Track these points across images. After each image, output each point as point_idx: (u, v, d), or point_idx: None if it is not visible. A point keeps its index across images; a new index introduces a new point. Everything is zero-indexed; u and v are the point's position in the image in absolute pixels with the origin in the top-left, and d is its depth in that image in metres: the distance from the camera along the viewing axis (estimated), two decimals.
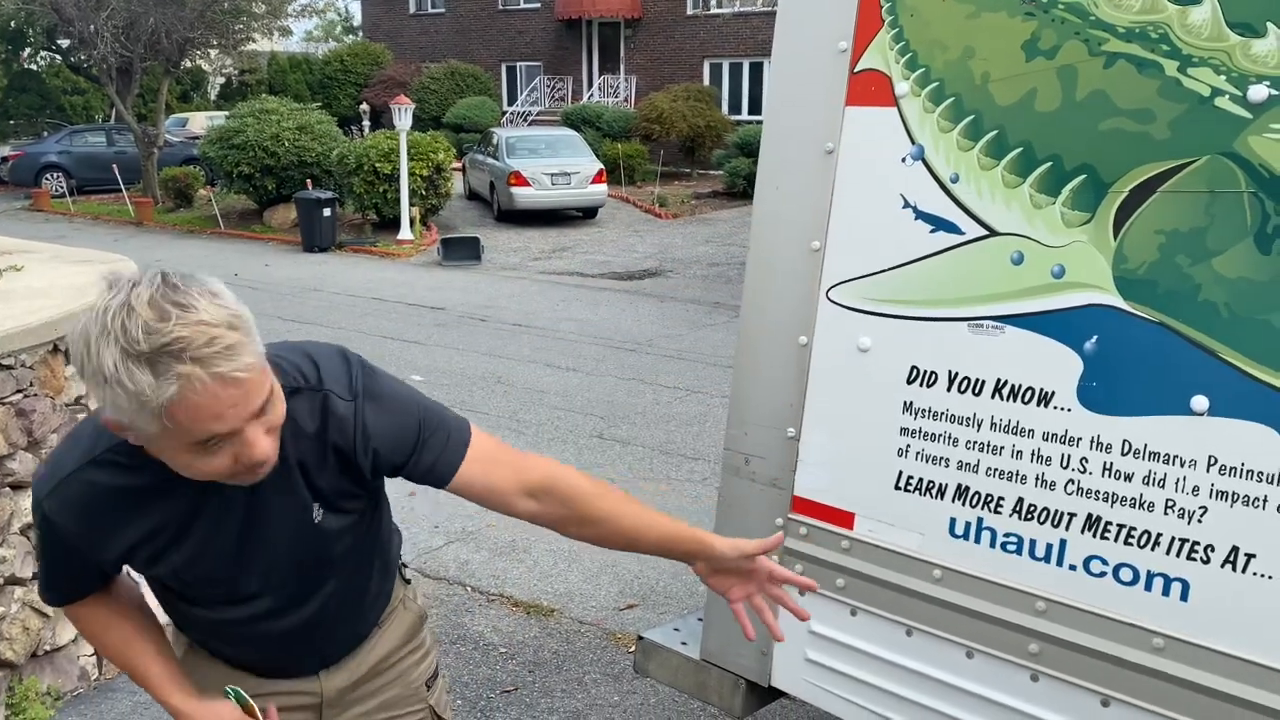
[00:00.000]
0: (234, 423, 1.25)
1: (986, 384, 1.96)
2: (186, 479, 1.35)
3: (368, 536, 1.64)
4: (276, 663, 1.66)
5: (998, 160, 1.93)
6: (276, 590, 1.55)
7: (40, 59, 27.08)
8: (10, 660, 3.04)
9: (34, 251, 4.45)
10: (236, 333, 1.23)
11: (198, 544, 1.45)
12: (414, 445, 1.51)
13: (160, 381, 1.17)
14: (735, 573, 1.65)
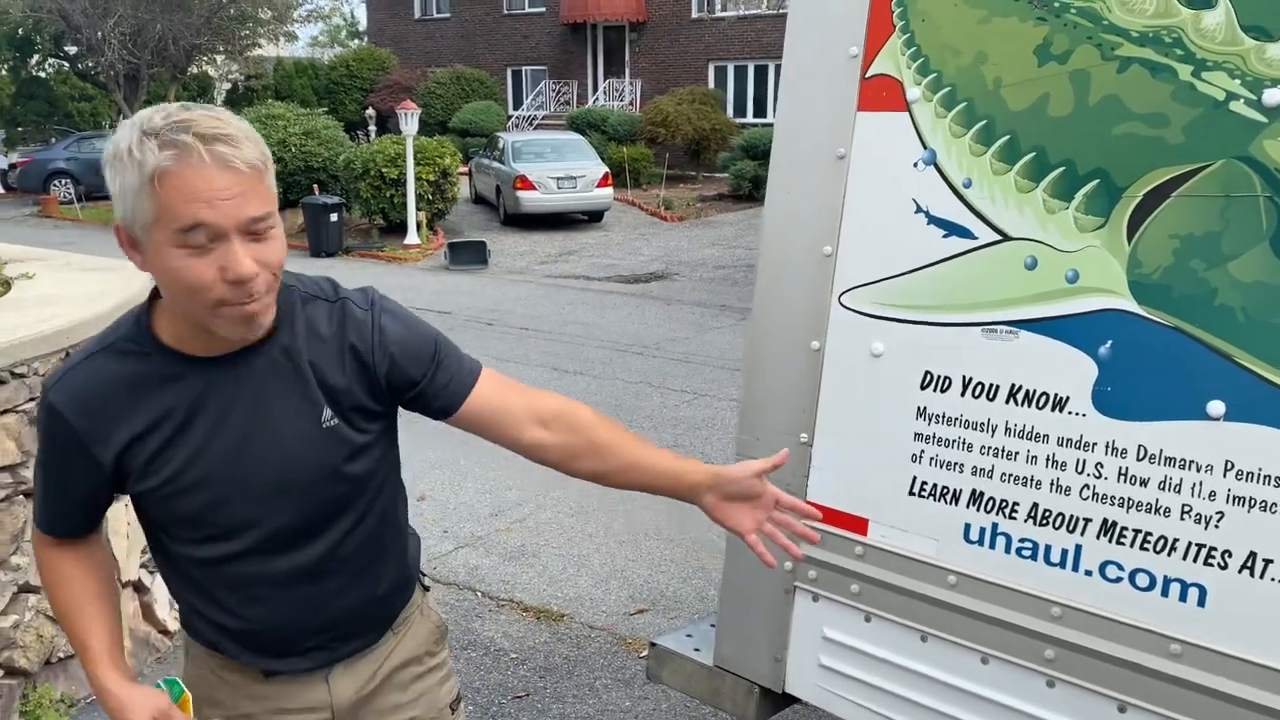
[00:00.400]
0: (222, 217, 1.25)
1: (1000, 389, 1.96)
2: (193, 371, 1.39)
3: (380, 479, 1.58)
4: (280, 633, 1.55)
5: (1010, 165, 1.92)
6: (280, 509, 1.47)
7: (48, 66, 27.20)
8: (24, 668, 3.05)
9: (45, 259, 4.47)
10: (247, 139, 1.28)
11: (199, 440, 1.41)
12: (430, 360, 1.53)
13: (163, 150, 1.24)
14: (745, 498, 1.62)
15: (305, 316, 1.47)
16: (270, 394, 1.44)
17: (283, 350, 1.45)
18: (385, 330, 1.51)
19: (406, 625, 1.73)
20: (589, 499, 5.53)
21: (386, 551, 1.64)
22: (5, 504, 2.94)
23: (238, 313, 1.32)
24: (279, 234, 1.35)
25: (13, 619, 3.00)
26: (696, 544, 5.00)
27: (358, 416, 1.51)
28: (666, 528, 5.19)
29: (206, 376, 1.41)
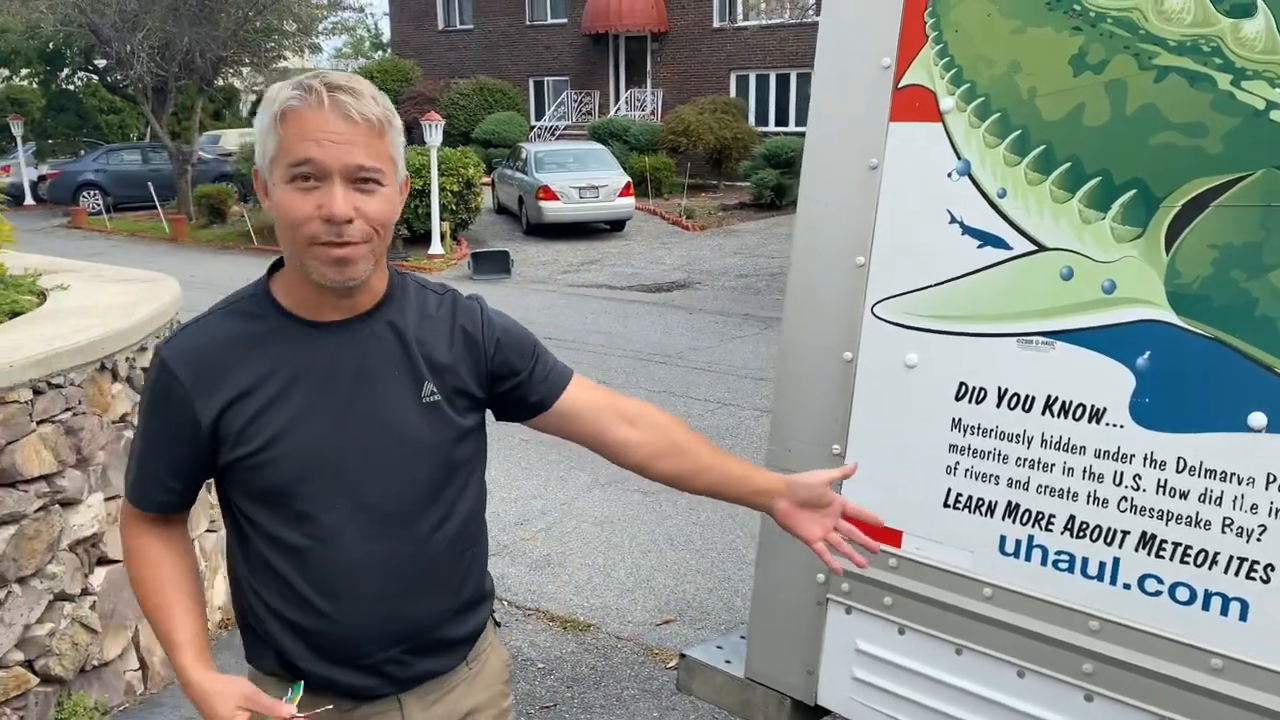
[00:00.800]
0: (328, 157, 1.34)
1: (1037, 400, 1.94)
2: (303, 334, 1.45)
3: (468, 472, 1.59)
4: (356, 637, 1.52)
5: (1046, 175, 1.91)
6: (370, 486, 1.48)
7: (78, 79, 27.55)
8: (59, 675, 3.08)
9: (78, 270, 4.52)
10: (373, 99, 1.38)
11: (299, 404, 1.44)
12: (531, 353, 1.64)
13: (292, 93, 1.35)
14: (814, 506, 1.69)
15: (416, 298, 1.55)
16: (374, 363, 1.48)
17: (389, 324, 1.51)
18: (493, 319, 1.61)
19: (480, 661, 1.70)
20: (613, 508, 5.53)
21: (466, 556, 1.63)
22: (42, 513, 2.97)
23: (327, 253, 1.38)
24: (388, 195, 1.41)
25: (48, 627, 3.03)
26: (722, 554, 4.99)
27: (457, 398, 1.55)
28: (692, 538, 5.19)
29: (314, 340, 1.46)
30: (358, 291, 1.47)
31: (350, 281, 1.42)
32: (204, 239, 18.92)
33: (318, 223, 1.36)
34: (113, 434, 3.33)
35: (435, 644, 1.60)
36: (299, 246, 1.39)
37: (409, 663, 1.57)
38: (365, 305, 1.49)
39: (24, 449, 2.91)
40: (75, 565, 3.13)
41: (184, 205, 20.71)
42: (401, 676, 1.57)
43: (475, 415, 1.60)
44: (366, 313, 1.49)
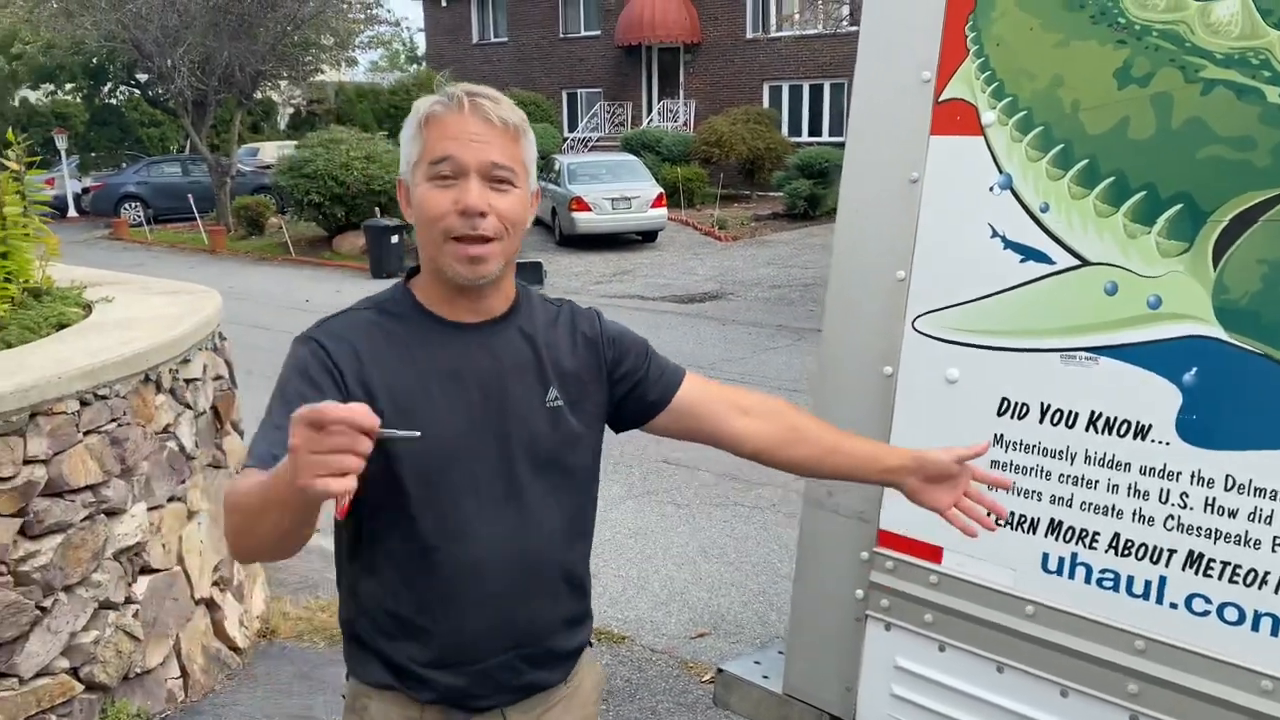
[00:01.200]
0: (466, 154, 1.43)
1: (1080, 416, 1.93)
2: (443, 335, 1.50)
3: (586, 480, 1.63)
4: (475, 642, 1.54)
5: (1089, 189, 1.90)
6: (498, 484, 1.51)
7: (120, 93, 28.04)
8: (103, 683, 3.12)
9: (123, 283, 4.60)
10: (510, 107, 1.48)
11: (437, 401, 1.48)
12: (645, 353, 1.69)
13: (436, 100, 1.47)
14: (945, 479, 1.68)
15: (540, 308, 1.63)
16: (507, 366, 1.54)
17: (519, 329, 1.57)
18: (608, 325, 1.69)
19: (577, 679, 1.71)
20: (648, 519, 5.53)
21: (579, 569, 1.66)
22: (87, 522, 3.02)
23: (461, 250, 1.44)
24: (520, 196, 1.49)
25: (93, 634, 3.07)
26: (757, 567, 4.97)
27: (580, 405, 1.60)
28: (727, 550, 5.17)
29: (453, 340, 1.51)
30: (490, 294, 1.53)
31: (481, 279, 1.47)
32: (242, 250, 19.16)
33: (454, 216, 1.43)
34: (155, 444, 3.38)
35: (546, 655, 1.62)
36: (435, 242, 1.46)
37: (520, 670, 1.58)
38: (497, 310, 1.56)
39: (71, 459, 2.96)
40: (119, 574, 3.18)
41: (223, 217, 21.00)
42: (512, 684, 1.58)
43: (596, 426, 1.65)
44: (499, 318, 1.56)
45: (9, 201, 3.69)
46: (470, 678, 1.55)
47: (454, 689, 1.55)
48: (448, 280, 1.49)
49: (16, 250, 3.74)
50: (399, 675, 1.55)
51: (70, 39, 21.03)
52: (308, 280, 15.63)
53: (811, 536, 2.36)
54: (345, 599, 1.61)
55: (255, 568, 4.29)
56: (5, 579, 2.79)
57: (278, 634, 4.16)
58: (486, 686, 1.56)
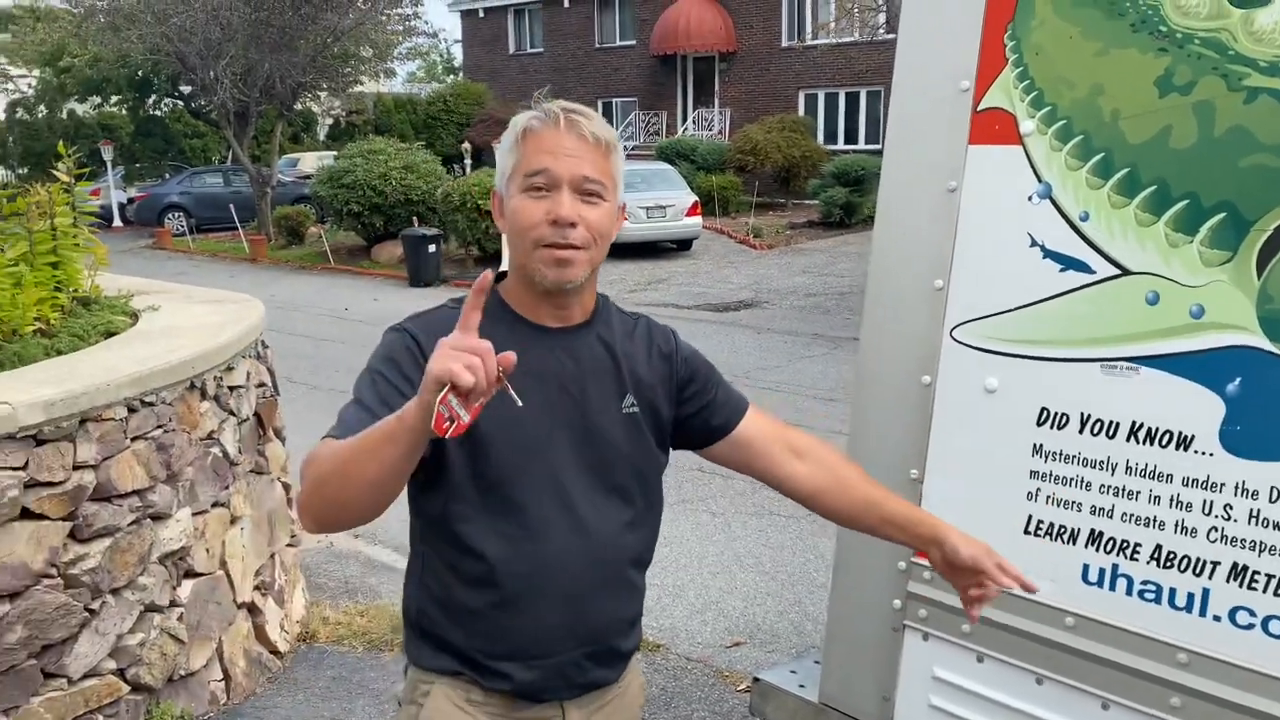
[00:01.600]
0: (560, 167, 1.49)
1: (1121, 426, 1.91)
2: (530, 336, 1.54)
3: (654, 487, 1.68)
4: (545, 634, 1.57)
5: (1130, 198, 1.89)
6: (576, 482, 1.55)
7: (164, 105, 28.54)
8: (148, 684, 3.18)
9: (168, 292, 4.68)
10: (602, 124, 1.55)
11: (523, 397, 1.48)
12: (713, 377, 1.74)
13: (533, 116, 1.54)
14: (969, 570, 1.65)
15: (618, 318, 1.69)
16: (587, 370, 1.59)
17: (599, 337, 1.63)
18: (682, 343, 1.75)
19: (627, 681, 1.74)
20: (683, 528, 5.53)
21: (642, 571, 1.70)
22: (134, 527, 3.08)
23: (550, 255, 1.50)
24: (609, 209, 1.55)
25: (139, 637, 3.13)
26: (793, 577, 4.96)
27: (651, 414, 1.65)
28: (762, 560, 5.16)
29: (538, 342, 1.56)
30: (573, 302, 1.59)
31: (568, 283, 1.52)
32: (282, 259, 19.41)
33: (545, 226, 1.49)
34: (200, 450, 3.44)
35: (608, 653, 1.66)
36: (526, 249, 1.52)
37: (585, 667, 1.63)
38: (579, 318, 1.61)
39: (119, 465, 3.02)
40: (164, 578, 3.24)
41: (263, 226, 21.30)
42: (576, 680, 1.63)
43: (663, 437, 1.69)
44: (581, 324, 1.62)
45: (60, 212, 3.78)
46: (541, 672, 1.59)
47: (525, 682, 1.59)
48: (535, 285, 1.54)
49: (67, 260, 3.83)
50: (468, 664, 1.60)
51: (116, 52, 21.45)
52: (346, 289, 15.80)
53: (849, 546, 2.36)
54: (415, 589, 1.65)
55: (296, 573, 4.35)
56: (55, 581, 2.86)
57: (317, 638, 4.21)
58: (555, 680, 1.61)
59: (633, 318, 1.73)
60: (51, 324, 3.55)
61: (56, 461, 2.83)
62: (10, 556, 2.73)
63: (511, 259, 1.59)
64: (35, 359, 3.21)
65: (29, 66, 26.27)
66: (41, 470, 2.79)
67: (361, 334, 11.61)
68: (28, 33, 25.93)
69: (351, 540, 5.41)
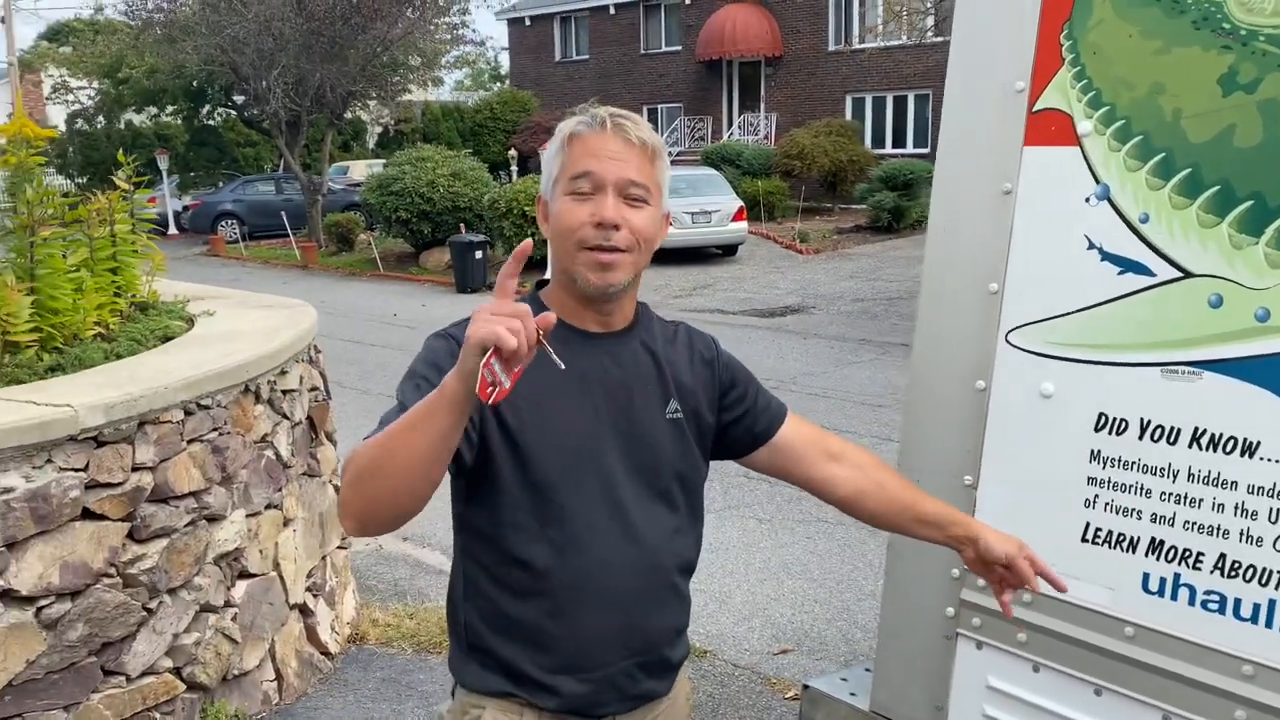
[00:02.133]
0: (604, 170, 1.49)
1: (1183, 433, 1.87)
2: (574, 342, 1.53)
3: (698, 493, 1.68)
4: (595, 645, 1.55)
5: (1191, 199, 1.85)
6: (625, 489, 1.54)
7: (218, 115, 29.10)
8: (204, 683, 3.23)
9: (223, 297, 4.77)
10: (648, 129, 1.55)
11: (568, 405, 1.52)
12: (755, 385, 1.75)
13: (579, 120, 1.54)
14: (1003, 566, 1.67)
15: (659, 325, 1.70)
16: (631, 376, 1.59)
17: (642, 343, 1.63)
18: (722, 350, 1.75)
19: (675, 692, 1.72)
20: (730, 534, 5.51)
21: (688, 579, 1.69)
22: (190, 528, 3.13)
23: (594, 258, 1.50)
24: (653, 214, 1.55)
25: (195, 636, 3.18)
26: (840, 584, 4.91)
27: (694, 420, 1.65)
28: (810, 567, 5.12)
29: (582, 347, 1.56)
30: (615, 308, 1.59)
31: (611, 287, 1.52)
32: (332, 265, 19.68)
33: (589, 228, 1.49)
34: (254, 453, 3.49)
35: (659, 663, 1.64)
36: (570, 252, 1.52)
37: (637, 678, 1.61)
38: (620, 324, 1.62)
39: (175, 467, 3.07)
40: (219, 578, 3.29)
41: (314, 233, 21.63)
42: (628, 692, 1.60)
43: (705, 444, 1.69)
44: (623, 330, 1.62)
45: (119, 219, 3.86)
46: (592, 685, 1.56)
47: (576, 696, 1.56)
48: (578, 290, 1.54)
49: (126, 266, 3.91)
50: (518, 682, 1.56)
51: (172, 63, 21.94)
52: (395, 295, 15.97)
53: (900, 554, 2.33)
54: (461, 602, 1.62)
55: (347, 575, 4.40)
56: (114, 580, 2.91)
57: (367, 640, 4.25)
58: (608, 694, 1.58)
59: (673, 325, 1.73)
60: (111, 328, 3.63)
61: (116, 463, 2.89)
62: (72, 556, 2.79)
63: (554, 263, 1.58)
64: (95, 362, 3.28)
65: (88, 78, 26.94)
66: (101, 471, 2.85)
67: (409, 339, 11.73)
68: (88, 45, 26.61)
69: (400, 543, 5.46)
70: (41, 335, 3.25)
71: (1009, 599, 1.68)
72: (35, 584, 2.71)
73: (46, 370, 3.17)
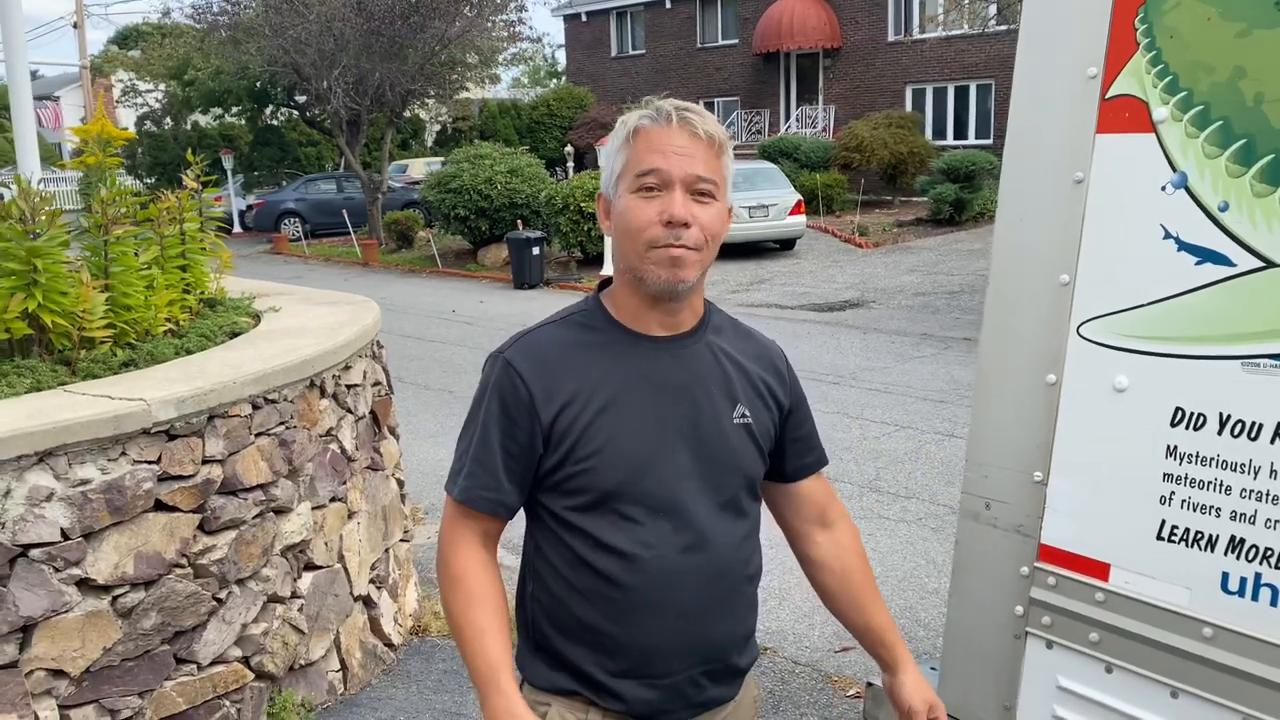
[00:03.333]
0: (672, 166, 1.46)
1: (1265, 428, 1.81)
2: (636, 346, 1.54)
3: (757, 498, 1.68)
4: (660, 654, 1.54)
5: (1274, 187, 1.78)
6: (691, 495, 1.53)
7: (280, 115, 29.64)
8: (271, 672, 3.29)
9: (287, 294, 4.85)
10: (714, 122, 1.51)
11: (632, 411, 1.52)
12: (813, 422, 1.77)
13: (644, 114, 1.51)
14: (904, 712, 1.78)
15: (729, 327, 1.68)
16: (696, 379, 1.57)
17: (708, 344, 1.61)
18: (791, 368, 1.75)
19: (741, 693, 1.72)
20: None
21: (756, 583, 1.68)
22: (258, 520, 3.19)
23: (664, 254, 1.47)
24: (720, 209, 1.52)
25: (263, 626, 3.25)
26: (902, 581, 4.86)
27: (761, 427, 1.64)
28: (872, 564, 5.06)
29: (645, 352, 1.56)
30: (682, 308, 1.57)
31: (680, 284, 1.50)
32: (393, 262, 19.95)
33: (658, 227, 1.47)
34: (319, 447, 3.55)
35: (726, 670, 1.63)
36: (638, 251, 1.49)
37: (703, 686, 1.60)
38: (688, 325, 1.59)
39: (244, 459, 3.14)
40: (285, 570, 3.35)
41: (374, 231, 21.94)
42: (694, 699, 1.60)
43: (769, 445, 1.68)
44: (689, 332, 1.59)
45: (188, 218, 3.95)
46: (658, 691, 1.56)
47: (641, 701, 1.55)
48: (645, 290, 1.51)
49: (195, 263, 4.00)
50: (585, 683, 1.56)
51: (236, 65, 22.38)
52: (454, 291, 16.14)
53: (968, 551, 2.29)
54: (530, 603, 1.63)
55: (410, 568, 4.45)
56: (186, 571, 2.98)
57: (429, 632, 4.30)
58: (674, 701, 1.57)
59: (744, 329, 1.71)
60: (181, 324, 3.72)
61: (187, 456, 2.96)
62: (146, 546, 2.86)
63: (618, 263, 1.55)
64: (167, 358, 3.36)
65: (156, 81, 27.60)
66: (173, 464, 2.92)
67: (468, 335, 11.85)
68: (155, 49, 27.25)
69: None
70: (115, 331, 3.34)
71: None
72: (111, 573, 2.78)
73: (120, 365, 3.25)
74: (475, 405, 1.57)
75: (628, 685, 1.55)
